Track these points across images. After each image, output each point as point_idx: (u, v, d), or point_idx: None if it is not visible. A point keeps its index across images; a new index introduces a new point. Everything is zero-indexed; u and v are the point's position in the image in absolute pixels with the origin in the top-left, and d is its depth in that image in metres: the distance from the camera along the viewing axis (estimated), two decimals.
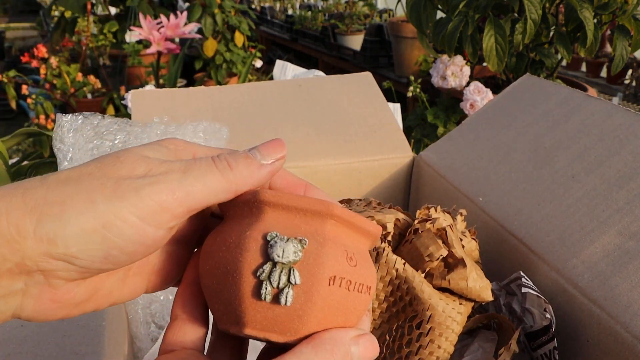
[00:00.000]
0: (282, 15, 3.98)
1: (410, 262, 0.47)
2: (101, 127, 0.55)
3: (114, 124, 0.56)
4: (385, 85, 1.76)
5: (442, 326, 0.45)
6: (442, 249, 0.46)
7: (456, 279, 0.45)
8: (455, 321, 0.45)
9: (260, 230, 0.25)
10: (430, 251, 0.46)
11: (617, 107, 0.58)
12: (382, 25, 2.85)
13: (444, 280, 0.46)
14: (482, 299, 0.47)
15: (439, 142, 0.73)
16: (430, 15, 1.49)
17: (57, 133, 0.52)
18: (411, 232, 0.48)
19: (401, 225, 0.50)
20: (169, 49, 1.68)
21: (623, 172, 0.51)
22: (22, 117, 2.58)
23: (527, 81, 0.71)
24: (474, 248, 0.51)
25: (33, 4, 3.38)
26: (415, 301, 0.45)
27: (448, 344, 0.45)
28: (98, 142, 0.54)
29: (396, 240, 0.50)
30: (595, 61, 2.67)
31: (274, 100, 0.79)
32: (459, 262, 0.46)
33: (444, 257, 0.46)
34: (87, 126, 0.54)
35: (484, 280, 0.47)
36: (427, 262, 0.46)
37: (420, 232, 0.47)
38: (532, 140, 0.62)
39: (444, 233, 0.47)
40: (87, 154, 0.53)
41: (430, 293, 0.45)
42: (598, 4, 1.29)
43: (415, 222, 0.49)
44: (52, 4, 2.77)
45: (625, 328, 0.41)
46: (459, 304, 0.46)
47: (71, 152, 0.52)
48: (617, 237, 0.47)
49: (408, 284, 0.45)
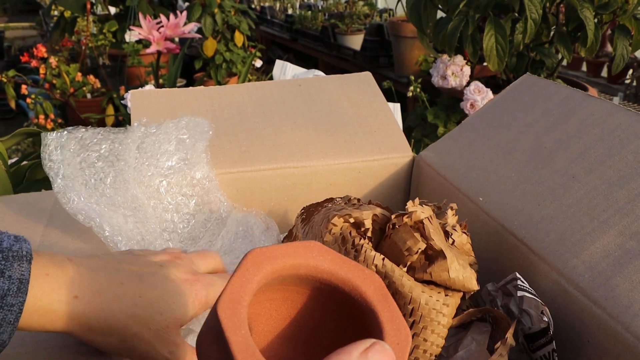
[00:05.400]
0: (282, 14, 3.98)
1: (391, 257, 0.46)
2: (85, 139, 0.56)
3: (97, 134, 0.57)
4: (385, 85, 1.76)
5: (426, 319, 0.44)
6: (420, 242, 0.45)
7: (437, 271, 0.45)
8: (440, 313, 0.44)
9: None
10: (408, 245, 0.45)
11: (617, 106, 0.58)
12: (382, 24, 2.85)
13: (426, 273, 0.45)
14: (467, 289, 0.46)
15: (439, 142, 0.73)
16: (430, 14, 1.49)
17: (45, 152, 0.53)
18: (390, 227, 0.48)
19: (380, 220, 0.49)
20: (168, 49, 1.68)
21: (624, 172, 0.51)
22: (22, 117, 2.58)
23: (528, 81, 0.70)
24: (465, 242, 0.50)
25: (32, 4, 3.38)
26: (397, 295, 0.45)
27: (435, 336, 0.44)
28: (85, 154, 0.54)
29: (377, 236, 0.49)
30: (595, 61, 2.67)
31: (273, 100, 0.78)
32: (439, 254, 0.45)
33: (424, 249, 0.46)
34: (72, 140, 0.55)
35: (467, 270, 0.46)
36: (407, 256, 0.46)
37: (397, 226, 0.47)
38: (532, 140, 0.61)
39: (422, 226, 0.46)
40: (76, 167, 0.54)
41: (411, 286, 0.44)
42: (598, 4, 1.29)
43: (392, 217, 0.48)
44: (51, 4, 2.77)
45: (626, 328, 0.41)
46: (445, 295, 0.45)
47: (62, 168, 0.52)
48: (617, 237, 0.47)
49: (388, 279, 0.45)
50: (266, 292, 0.28)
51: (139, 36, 1.69)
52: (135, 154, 0.57)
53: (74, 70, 2.43)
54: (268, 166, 0.69)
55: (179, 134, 0.62)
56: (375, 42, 2.84)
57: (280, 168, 0.69)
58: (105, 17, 2.84)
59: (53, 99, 2.24)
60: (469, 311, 0.48)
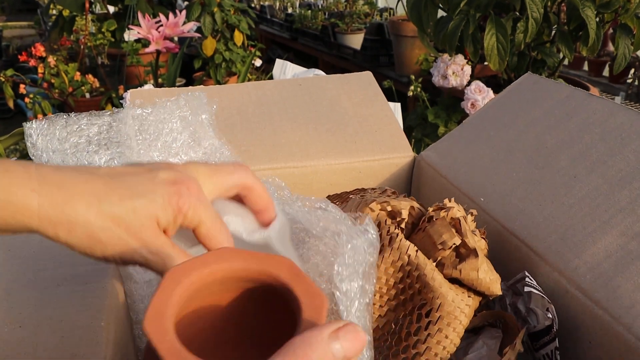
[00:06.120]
0: (282, 14, 3.97)
1: (422, 251, 0.47)
2: (71, 124, 0.55)
3: (82, 119, 0.56)
4: (386, 85, 1.76)
5: (451, 316, 0.45)
6: (456, 237, 0.46)
7: (467, 269, 0.45)
8: (463, 312, 0.45)
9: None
10: (444, 239, 0.46)
11: (619, 106, 0.57)
12: (383, 24, 2.84)
13: (455, 270, 0.46)
14: (491, 292, 0.46)
15: (440, 142, 0.73)
16: (431, 14, 1.48)
17: (29, 141, 0.53)
18: (425, 221, 0.49)
19: (415, 214, 0.50)
20: (167, 48, 1.68)
21: (625, 172, 0.51)
22: (20, 117, 2.58)
23: (529, 80, 0.70)
24: (483, 247, 0.51)
25: (31, 3, 3.37)
26: (425, 289, 0.45)
27: (455, 335, 0.45)
28: (74, 140, 0.54)
29: (409, 229, 0.50)
30: (597, 60, 2.66)
31: (273, 99, 0.78)
32: (471, 252, 0.46)
33: (456, 247, 0.46)
34: (55, 127, 0.55)
35: (494, 274, 0.47)
36: (439, 251, 0.46)
37: (434, 219, 0.48)
38: (533, 140, 0.61)
39: (458, 222, 0.47)
40: (66, 153, 0.53)
41: (441, 281, 0.45)
42: (600, 3, 1.29)
43: (430, 210, 0.49)
44: (50, 3, 2.76)
45: (628, 329, 0.41)
46: (468, 296, 0.46)
47: (44, 155, 0.52)
48: (619, 238, 0.47)
49: (419, 271, 0.45)
50: (196, 301, 0.31)
51: (138, 35, 1.68)
52: (136, 136, 0.57)
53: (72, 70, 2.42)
54: (268, 166, 0.69)
55: (181, 111, 0.61)
56: (375, 41, 2.84)
57: (280, 168, 0.69)
58: (104, 16, 2.84)
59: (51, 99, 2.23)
60: (481, 313, 0.48)
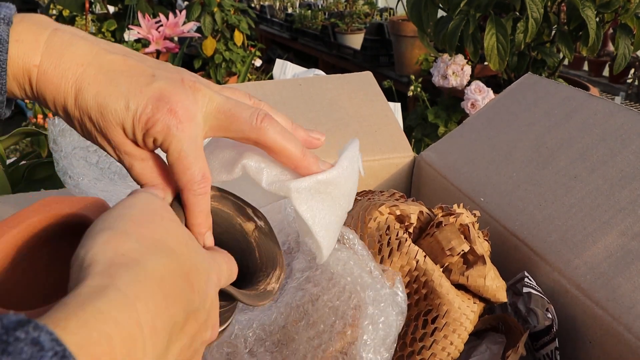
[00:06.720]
0: (282, 14, 3.97)
1: (429, 256, 0.47)
2: None
3: None
4: (386, 85, 1.76)
5: (457, 322, 0.45)
6: (464, 244, 0.46)
7: (475, 276, 0.45)
8: (468, 319, 0.45)
9: None
10: (453, 245, 0.46)
11: (619, 106, 0.57)
12: (383, 24, 2.84)
13: (462, 276, 0.45)
14: (497, 299, 0.46)
15: (440, 142, 0.73)
16: (431, 14, 1.48)
17: (50, 135, 0.56)
18: (433, 226, 0.48)
19: (424, 218, 0.50)
20: (167, 48, 1.68)
21: (625, 172, 0.51)
22: (20, 117, 2.57)
23: (529, 80, 0.70)
24: (487, 249, 0.51)
25: (31, 3, 3.38)
26: (432, 295, 0.45)
27: (460, 341, 0.45)
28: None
29: (416, 234, 0.50)
30: (597, 60, 2.66)
31: (273, 99, 0.78)
32: (479, 259, 0.46)
33: (464, 253, 0.46)
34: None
35: (500, 281, 0.47)
36: (447, 257, 0.46)
37: (443, 225, 0.47)
38: (533, 140, 0.61)
39: (467, 229, 0.47)
40: (84, 150, 0.54)
41: (448, 288, 0.45)
42: (600, 3, 1.29)
43: (438, 215, 0.49)
44: (50, 3, 2.77)
45: (628, 329, 0.41)
46: (473, 302, 0.46)
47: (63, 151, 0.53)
48: (619, 238, 0.47)
49: (427, 277, 0.45)
50: (22, 255, 0.31)
51: (138, 35, 1.68)
52: None
53: None
54: None
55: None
56: (375, 41, 2.84)
57: None
58: (104, 16, 2.84)
59: None
60: (484, 318, 0.48)
